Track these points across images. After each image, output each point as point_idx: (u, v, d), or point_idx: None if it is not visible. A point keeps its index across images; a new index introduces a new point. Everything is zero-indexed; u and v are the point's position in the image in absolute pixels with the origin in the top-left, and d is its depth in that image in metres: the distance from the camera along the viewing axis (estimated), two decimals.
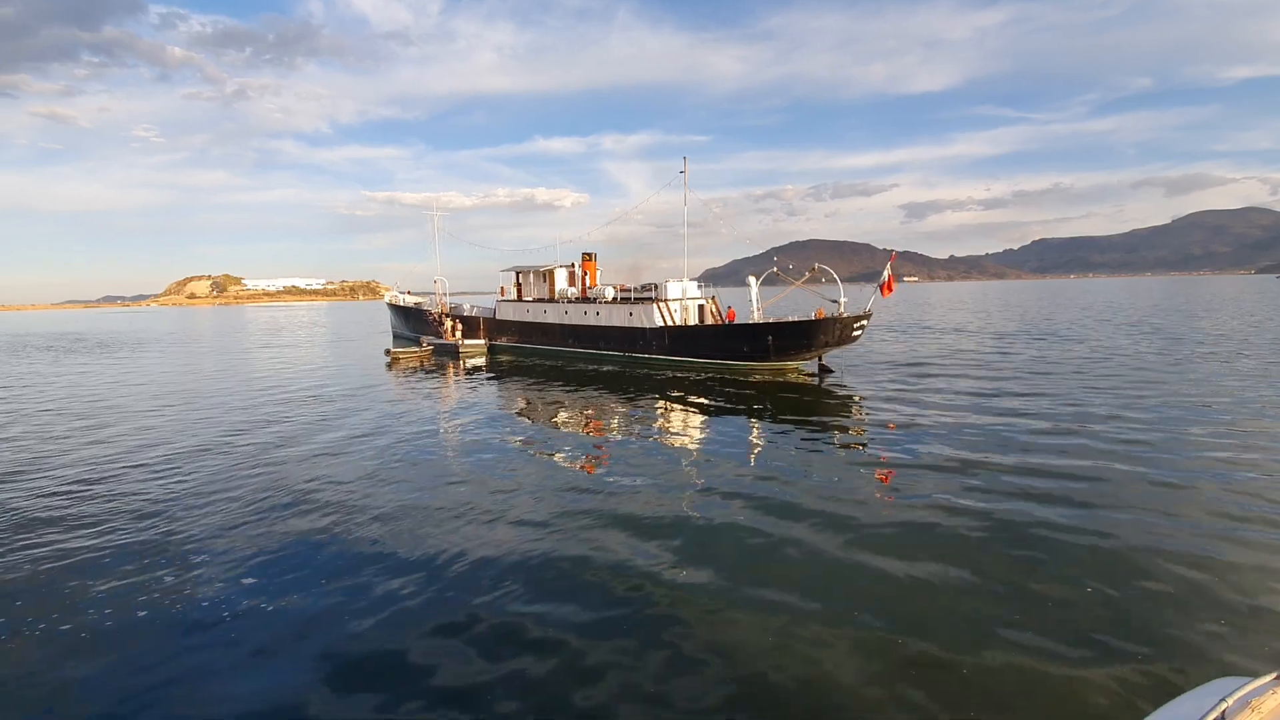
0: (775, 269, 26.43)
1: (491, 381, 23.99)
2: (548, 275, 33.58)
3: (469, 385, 23.10)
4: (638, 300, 27.96)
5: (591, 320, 30.00)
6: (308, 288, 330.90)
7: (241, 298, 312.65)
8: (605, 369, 26.32)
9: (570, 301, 31.46)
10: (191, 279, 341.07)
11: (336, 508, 9.71)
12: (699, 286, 28.76)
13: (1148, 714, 2.47)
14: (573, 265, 33.38)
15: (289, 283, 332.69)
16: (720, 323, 27.08)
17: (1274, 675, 2.33)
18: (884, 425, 14.71)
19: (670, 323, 26.59)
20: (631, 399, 19.23)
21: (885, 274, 21.46)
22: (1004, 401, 16.39)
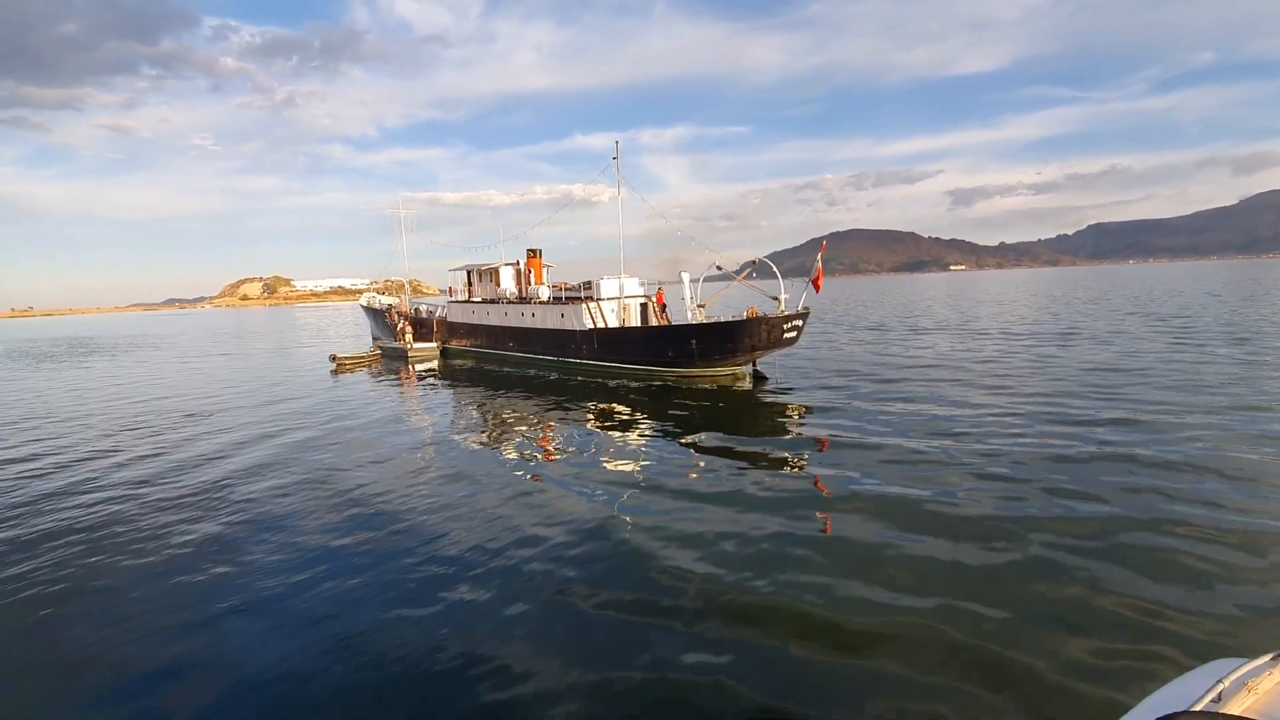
0: (716, 264, 23.68)
1: (418, 392, 21.67)
2: (493, 274, 31.53)
3: (392, 398, 20.67)
4: (569, 300, 25.59)
5: (528, 322, 27.82)
6: (353, 287, 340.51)
7: (291, 298, 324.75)
8: (551, 376, 23.76)
9: (509, 302, 29.37)
10: (244, 281, 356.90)
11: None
12: (640, 284, 26.15)
13: (1145, 698, 2.30)
14: (517, 263, 31.20)
15: (335, 283, 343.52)
16: (666, 323, 24.43)
17: (1270, 656, 2.24)
18: (806, 442, 12.32)
19: (600, 324, 24.11)
20: (542, 413, 16.84)
21: (815, 267, 18.42)
22: (957, 414, 13.35)
